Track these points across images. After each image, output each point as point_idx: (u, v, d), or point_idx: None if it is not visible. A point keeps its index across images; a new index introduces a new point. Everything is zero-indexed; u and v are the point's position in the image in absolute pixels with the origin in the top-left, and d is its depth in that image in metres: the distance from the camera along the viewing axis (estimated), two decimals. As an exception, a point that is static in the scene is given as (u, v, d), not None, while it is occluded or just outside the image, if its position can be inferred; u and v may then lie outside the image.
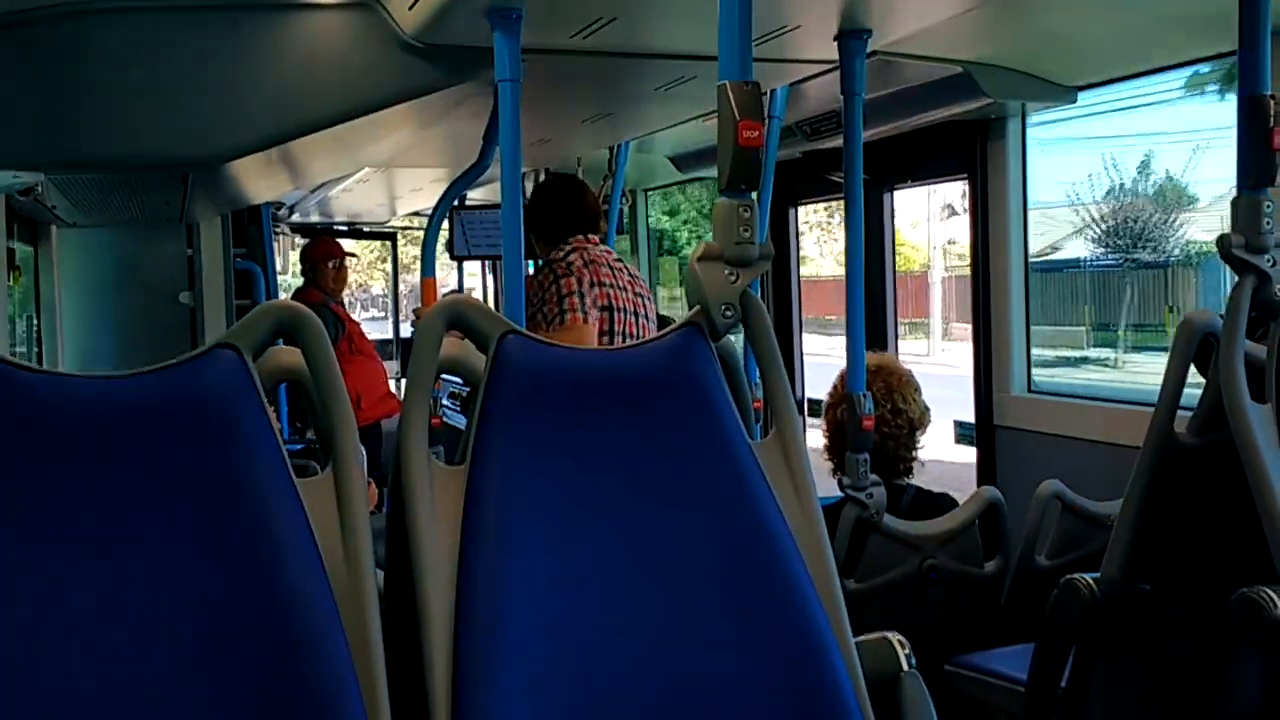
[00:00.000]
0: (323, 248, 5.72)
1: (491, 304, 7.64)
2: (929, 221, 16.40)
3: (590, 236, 3.39)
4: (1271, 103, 1.87)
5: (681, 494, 1.50)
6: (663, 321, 4.30)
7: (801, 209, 5.12)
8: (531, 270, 3.65)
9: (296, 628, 1.30)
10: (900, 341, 4.77)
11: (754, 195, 1.57)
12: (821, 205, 7.90)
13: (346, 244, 5.85)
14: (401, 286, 8.94)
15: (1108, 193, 6.34)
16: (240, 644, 1.29)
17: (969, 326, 3.93)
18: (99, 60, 2.57)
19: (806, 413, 4.50)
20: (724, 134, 1.52)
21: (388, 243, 8.88)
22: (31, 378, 1.32)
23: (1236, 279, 1.91)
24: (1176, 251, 6.19)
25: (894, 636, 1.55)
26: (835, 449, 2.91)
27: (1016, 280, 3.72)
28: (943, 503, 3.02)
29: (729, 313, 1.55)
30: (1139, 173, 6.17)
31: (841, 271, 2.78)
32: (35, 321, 5.01)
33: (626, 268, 3.47)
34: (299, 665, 1.29)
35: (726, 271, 1.54)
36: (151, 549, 1.30)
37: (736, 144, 1.51)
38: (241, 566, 1.32)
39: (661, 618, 1.44)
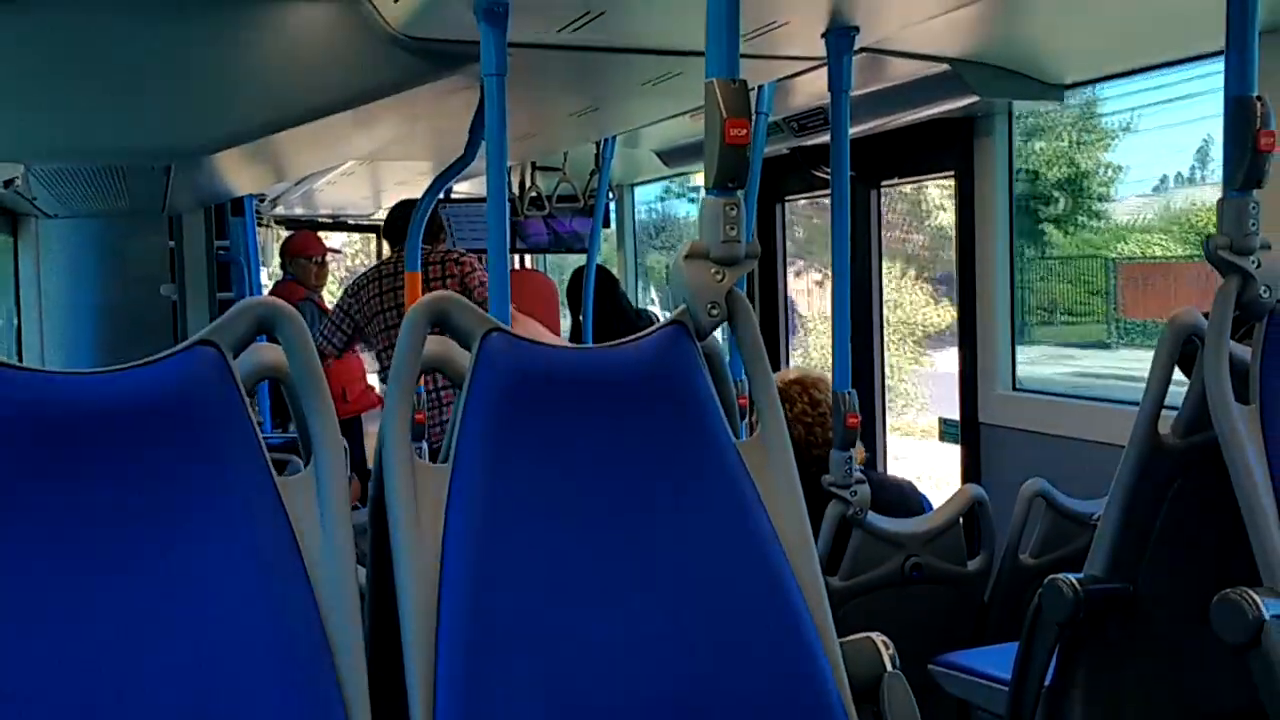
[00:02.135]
0: (304, 244, 5.68)
1: None
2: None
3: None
4: (1259, 104, 1.87)
5: (666, 493, 1.49)
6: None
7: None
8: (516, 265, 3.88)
9: (275, 626, 1.29)
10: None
11: (740, 193, 1.56)
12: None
13: (334, 239, 5.82)
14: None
15: None
16: (219, 643, 1.27)
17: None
18: (81, 50, 2.54)
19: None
20: (711, 132, 1.51)
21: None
22: (5, 374, 1.30)
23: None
24: None
25: (878, 637, 1.55)
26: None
27: (1002, 277, 3.72)
28: (900, 486, 3.03)
29: (715, 311, 1.54)
30: None
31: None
32: (16, 314, 4.97)
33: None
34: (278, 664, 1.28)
35: (713, 270, 1.53)
36: (130, 549, 1.29)
37: (723, 142, 1.49)
38: (219, 567, 1.30)
39: (645, 616, 1.43)
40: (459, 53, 2.51)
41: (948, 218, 5.51)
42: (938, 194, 6.30)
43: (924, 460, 5.60)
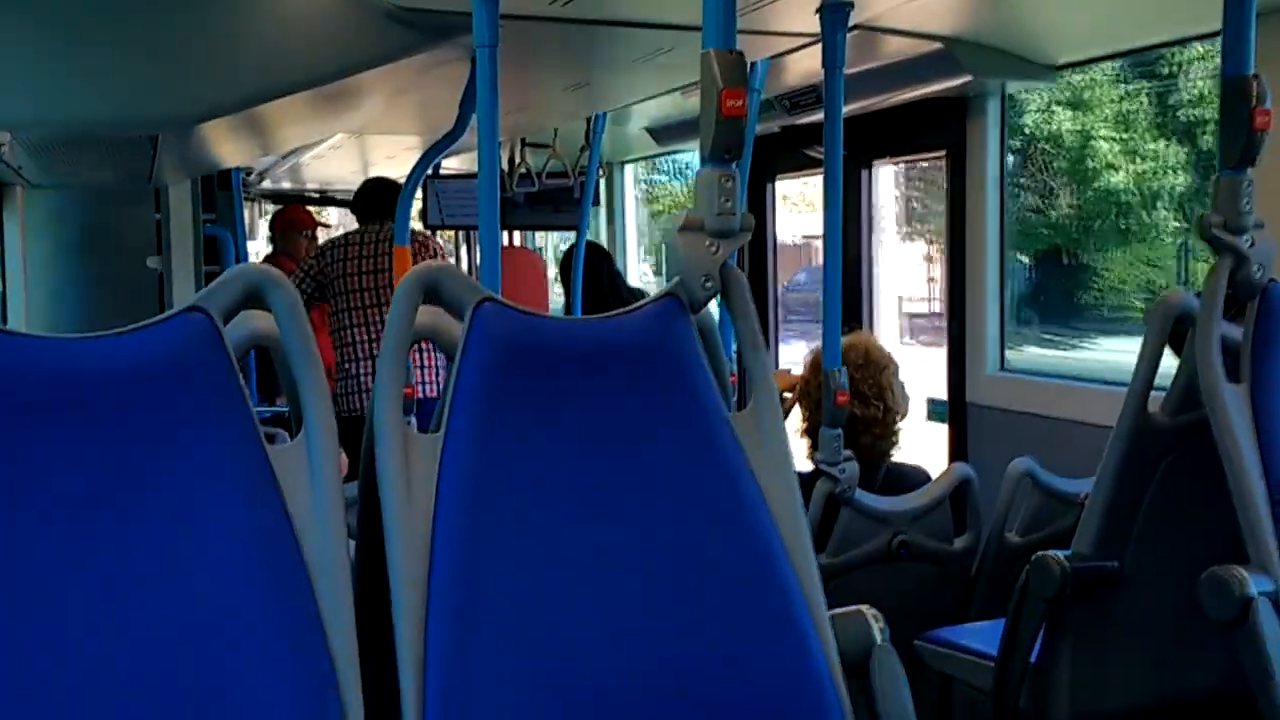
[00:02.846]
0: (296, 217, 5.65)
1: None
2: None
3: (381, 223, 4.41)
4: (1254, 83, 1.86)
5: (657, 464, 1.49)
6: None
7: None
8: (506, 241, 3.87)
9: (264, 592, 1.29)
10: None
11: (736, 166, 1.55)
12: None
13: (327, 215, 5.81)
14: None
15: None
16: (206, 609, 1.27)
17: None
18: (69, 19, 2.52)
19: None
20: (707, 103, 1.50)
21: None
22: None
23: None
24: None
25: (868, 610, 1.55)
26: (813, 428, 2.94)
27: (992, 257, 3.73)
28: (917, 476, 3.03)
29: (709, 284, 1.53)
30: None
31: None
32: (0, 284, 4.94)
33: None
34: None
35: (707, 243, 1.53)
36: (118, 515, 1.28)
37: (720, 113, 1.49)
38: (207, 532, 1.30)
39: (634, 587, 1.43)
40: (450, 24, 2.48)
41: (1118, 178, 4.86)
42: (1106, 147, 4.98)
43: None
